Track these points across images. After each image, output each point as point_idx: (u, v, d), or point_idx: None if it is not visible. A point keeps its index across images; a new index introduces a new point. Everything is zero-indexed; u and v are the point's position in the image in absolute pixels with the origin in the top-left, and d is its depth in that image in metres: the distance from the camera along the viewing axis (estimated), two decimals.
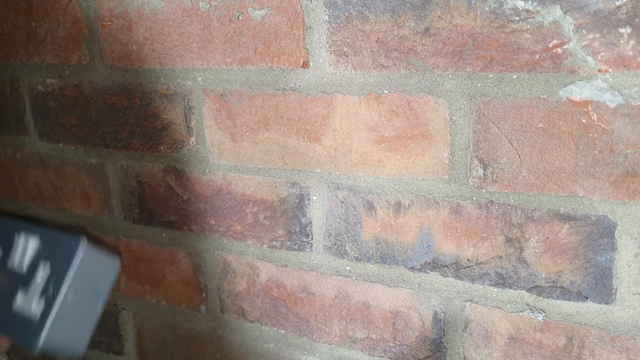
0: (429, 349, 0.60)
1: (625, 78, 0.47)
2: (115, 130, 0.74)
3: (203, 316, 0.74)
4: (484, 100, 0.52)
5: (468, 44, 0.51)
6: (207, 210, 0.70)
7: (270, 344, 0.70)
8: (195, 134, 0.68)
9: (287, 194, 0.64)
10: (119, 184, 0.76)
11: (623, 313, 0.51)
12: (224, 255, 0.70)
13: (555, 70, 0.49)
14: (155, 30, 0.67)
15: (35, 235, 0.72)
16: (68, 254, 0.68)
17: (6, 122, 0.83)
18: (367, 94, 0.57)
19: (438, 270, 0.58)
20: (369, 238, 0.61)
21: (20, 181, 0.85)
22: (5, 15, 0.78)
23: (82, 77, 0.74)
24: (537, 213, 0.52)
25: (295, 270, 0.66)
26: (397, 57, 0.55)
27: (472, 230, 0.55)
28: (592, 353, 0.53)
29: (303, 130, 0.61)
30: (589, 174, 0.50)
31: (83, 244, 0.68)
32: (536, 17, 0.48)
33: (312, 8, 0.57)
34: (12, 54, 0.80)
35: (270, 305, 0.69)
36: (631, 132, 0.47)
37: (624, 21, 0.46)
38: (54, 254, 0.69)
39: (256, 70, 0.62)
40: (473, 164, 0.54)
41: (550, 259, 0.53)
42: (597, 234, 0.50)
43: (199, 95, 0.66)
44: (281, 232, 0.66)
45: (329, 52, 0.58)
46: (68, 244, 0.69)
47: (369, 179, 0.59)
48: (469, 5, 0.50)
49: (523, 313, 0.55)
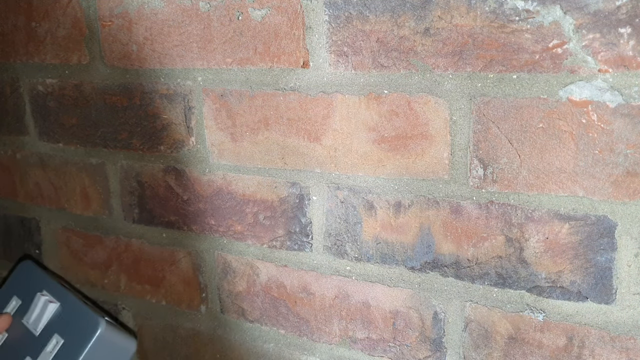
0: (429, 349, 0.60)
1: (625, 78, 0.47)
2: (115, 130, 0.74)
3: (203, 316, 0.74)
4: (484, 100, 0.52)
5: (468, 44, 0.51)
6: (207, 210, 0.70)
7: (270, 344, 0.70)
8: (195, 134, 0.68)
9: (287, 194, 0.64)
10: (119, 184, 0.76)
11: (623, 313, 0.51)
12: (224, 255, 0.70)
13: (555, 70, 0.49)
14: (155, 30, 0.67)
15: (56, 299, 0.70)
16: (85, 331, 0.66)
17: (6, 122, 0.83)
18: (367, 94, 0.57)
19: (438, 270, 0.58)
20: (369, 238, 0.61)
21: (20, 181, 0.85)
22: (5, 15, 0.78)
23: (82, 77, 0.74)
24: (537, 213, 0.52)
25: (295, 270, 0.66)
26: (397, 57, 0.55)
27: (472, 230, 0.55)
28: (592, 353, 0.53)
29: (303, 130, 0.61)
30: (589, 174, 0.50)
31: (102, 325, 0.66)
32: (536, 17, 0.48)
33: (312, 8, 0.57)
34: (12, 54, 0.80)
35: (270, 305, 0.69)
36: (631, 132, 0.47)
37: (624, 21, 0.46)
38: (71, 328, 0.67)
39: (256, 70, 0.62)
40: (473, 164, 0.54)
41: (550, 259, 0.53)
42: (597, 234, 0.50)
43: (199, 95, 0.66)
44: (281, 232, 0.66)
45: (329, 52, 0.58)
46: (87, 320, 0.66)
47: (369, 179, 0.59)
48: (469, 5, 0.50)
49: (523, 313, 0.55)
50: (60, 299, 0.70)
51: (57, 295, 0.71)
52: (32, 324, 0.70)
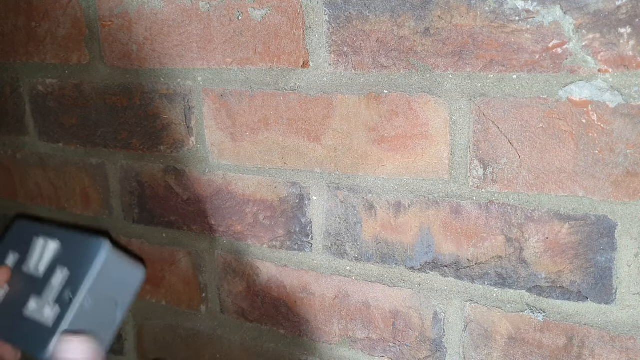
0: (429, 349, 0.60)
1: (625, 78, 0.47)
2: (115, 130, 0.74)
3: (203, 316, 0.74)
4: (484, 100, 0.52)
5: (468, 44, 0.51)
6: (207, 210, 0.70)
7: (270, 344, 0.70)
8: (195, 134, 0.68)
9: (287, 194, 0.64)
10: (119, 184, 0.76)
11: (623, 313, 0.51)
12: (224, 255, 0.70)
13: (555, 70, 0.49)
14: (155, 30, 0.67)
15: (55, 238, 0.67)
16: (89, 256, 0.62)
17: (6, 122, 0.83)
18: (367, 94, 0.57)
19: (438, 270, 0.58)
20: (369, 238, 0.61)
21: (20, 181, 0.85)
22: (5, 15, 0.78)
23: (82, 77, 0.74)
24: (537, 213, 0.52)
25: (295, 270, 0.66)
26: (397, 57, 0.55)
27: (472, 230, 0.55)
28: (592, 353, 0.53)
29: (303, 130, 0.61)
30: (589, 174, 0.50)
31: (105, 246, 0.62)
32: (536, 17, 0.48)
33: (312, 8, 0.57)
34: (12, 54, 0.80)
35: (270, 305, 0.69)
36: (631, 132, 0.47)
37: (624, 21, 0.46)
38: (74, 257, 0.64)
39: (256, 70, 0.62)
40: (473, 164, 0.54)
41: (550, 259, 0.53)
42: (597, 234, 0.50)
43: (199, 95, 0.66)
44: (281, 232, 0.66)
45: (329, 52, 0.58)
46: (89, 246, 0.63)
47: (369, 179, 0.59)
48: (469, 5, 0.51)
49: (523, 313, 0.55)
50: (59, 237, 0.66)
51: (55, 235, 0.67)
52: (33, 269, 0.66)
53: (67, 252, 0.65)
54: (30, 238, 0.69)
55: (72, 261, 0.64)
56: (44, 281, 0.64)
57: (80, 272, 0.62)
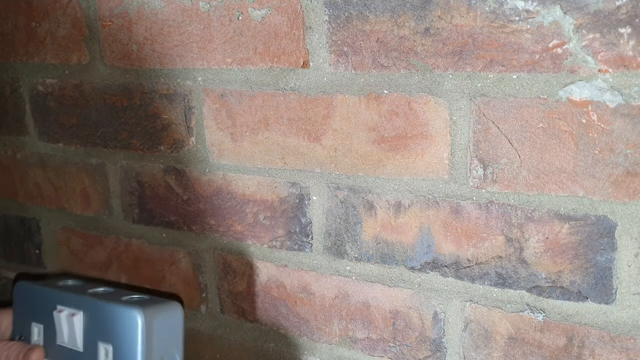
0: (429, 349, 0.60)
1: (625, 78, 0.47)
2: (115, 130, 0.74)
3: (203, 316, 0.74)
4: (484, 100, 0.52)
5: (468, 44, 0.51)
6: (207, 210, 0.70)
7: (270, 344, 0.70)
8: (195, 134, 0.68)
9: (287, 194, 0.64)
10: (119, 184, 0.76)
11: (623, 313, 0.51)
12: (224, 255, 0.70)
13: (555, 70, 0.49)
14: (155, 30, 0.67)
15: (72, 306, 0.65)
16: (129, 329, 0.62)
17: (6, 122, 0.83)
18: (367, 94, 0.57)
19: (438, 270, 0.58)
20: (369, 238, 0.61)
21: (20, 181, 0.85)
22: (5, 15, 0.78)
23: (82, 77, 0.74)
24: (537, 213, 0.52)
25: (295, 270, 0.66)
26: (397, 57, 0.55)
27: (472, 230, 0.55)
28: (592, 353, 0.53)
29: (303, 130, 0.61)
30: (589, 174, 0.50)
31: (140, 314, 0.61)
32: (536, 17, 0.48)
33: (312, 8, 0.57)
34: (12, 54, 0.80)
35: (270, 305, 0.69)
36: (631, 132, 0.47)
37: (624, 21, 0.46)
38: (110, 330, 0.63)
39: (256, 70, 0.62)
40: (473, 164, 0.54)
41: (550, 259, 0.53)
42: (597, 234, 0.50)
43: (199, 95, 0.66)
44: (281, 232, 0.66)
45: (329, 52, 0.58)
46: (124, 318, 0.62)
47: (369, 179, 0.59)
48: (469, 5, 0.51)
49: (523, 313, 0.55)
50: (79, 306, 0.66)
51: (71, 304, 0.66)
52: (69, 342, 0.65)
53: (97, 323, 0.64)
54: (45, 304, 0.67)
55: (111, 334, 0.63)
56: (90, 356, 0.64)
57: (125, 346, 0.62)
